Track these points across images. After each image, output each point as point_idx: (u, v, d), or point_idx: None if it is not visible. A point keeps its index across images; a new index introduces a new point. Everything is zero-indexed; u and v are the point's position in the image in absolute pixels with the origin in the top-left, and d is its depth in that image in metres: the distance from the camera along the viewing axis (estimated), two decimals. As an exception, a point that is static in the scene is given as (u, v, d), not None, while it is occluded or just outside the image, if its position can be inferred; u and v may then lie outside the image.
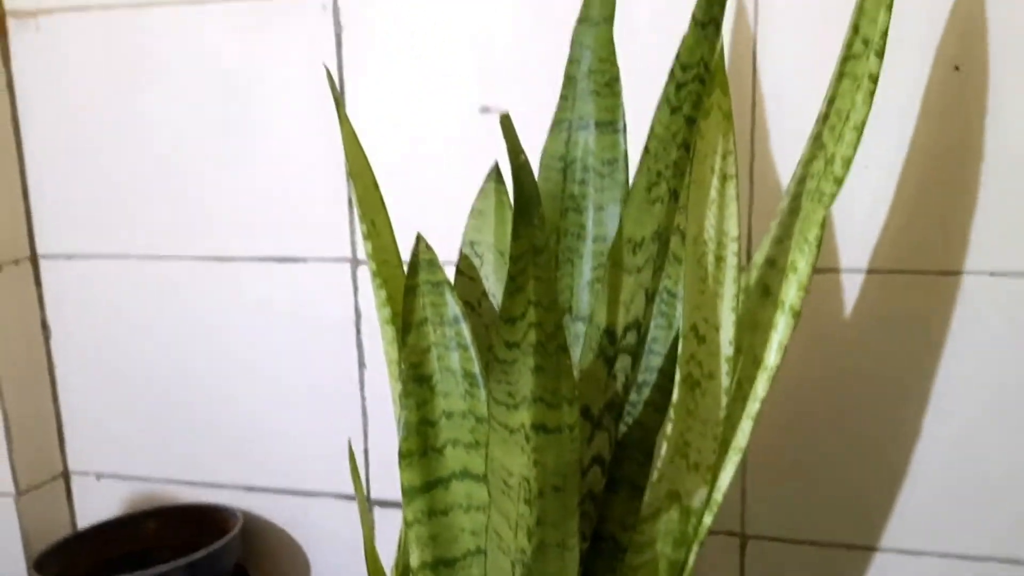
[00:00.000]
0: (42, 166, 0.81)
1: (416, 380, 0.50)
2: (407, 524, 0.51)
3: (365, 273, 0.75)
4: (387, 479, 0.78)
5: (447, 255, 0.53)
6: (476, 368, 0.50)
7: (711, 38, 0.40)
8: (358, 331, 0.76)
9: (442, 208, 0.63)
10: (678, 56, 0.40)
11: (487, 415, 0.48)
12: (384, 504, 0.79)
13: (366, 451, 0.78)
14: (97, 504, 0.87)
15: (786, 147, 0.63)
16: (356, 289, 0.75)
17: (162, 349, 0.82)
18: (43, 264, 0.83)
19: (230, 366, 0.80)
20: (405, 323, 0.51)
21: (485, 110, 0.33)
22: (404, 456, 0.50)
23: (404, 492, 0.51)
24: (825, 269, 0.64)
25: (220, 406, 0.81)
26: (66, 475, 0.87)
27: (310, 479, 0.80)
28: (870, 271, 0.64)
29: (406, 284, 0.50)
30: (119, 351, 0.83)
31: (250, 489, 0.82)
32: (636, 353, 0.45)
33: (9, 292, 0.81)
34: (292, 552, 0.82)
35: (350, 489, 0.79)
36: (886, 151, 0.61)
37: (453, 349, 0.51)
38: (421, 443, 0.50)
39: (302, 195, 0.75)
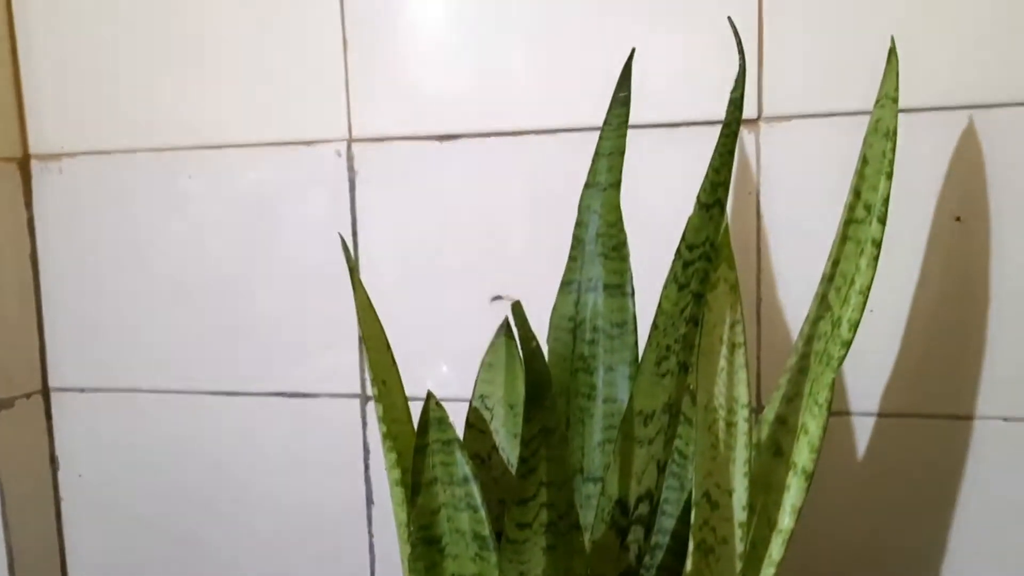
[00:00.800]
0: (58, 303, 0.83)
1: (425, 542, 0.50)
2: None
3: (374, 409, 0.75)
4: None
5: (457, 407, 0.54)
6: (486, 530, 0.50)
7: (716, 219, 0.41)
8: (366, 467, 0.76)
9: (453, 360, 0.64)
10: (684, 237, 0.41)
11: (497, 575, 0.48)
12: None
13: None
14: None
15: (793, 291, 0.64)
16: (365, 424, 0.75)
17: (171, 485, 0.81)
18: (54, 397, 0.84)
19: (239, 503, 0.80)
20: (415, 483, 0.50)
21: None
22: (414, 626, 0.49)
23: (411, 665, 0.49)
24: (834, 412, 0.64)
25: (229, 544, 0.80)
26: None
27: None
28: (880, 415, 0.63)
29: (416, 443, 0.50)
30: (127, 486, 0.83)
31: (253, 624, 0.80)
32: (649, 523, 0.45)
33: (17, 427, 0.81)
34: None
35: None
36: (892, 297, 0.62)
37: (463, 510, 0.50)
38: (432, 608, 0.50)
39: (314, 331, 0.76)
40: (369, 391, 0.75)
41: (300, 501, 0.78)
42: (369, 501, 0.76)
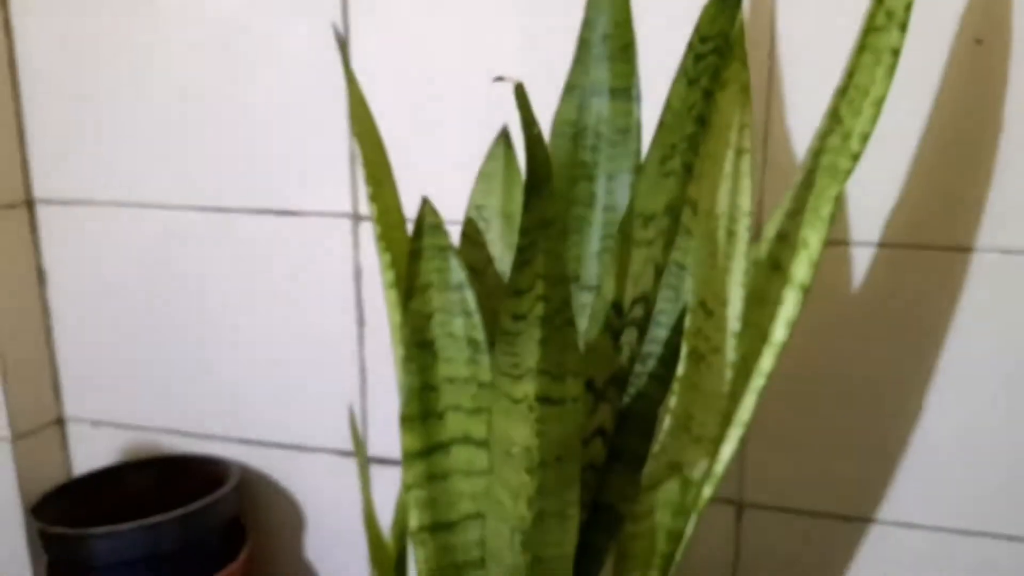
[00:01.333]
0: (41, 108, 0.80)
1: (419, 345, 0.50)
2: (406, 487, 0.51)
3: (367, 229, 0.74)
4: (384, 437, 0.78)
5: (454, 218, 0.53)
6: (480, 335, 0.50)
7: (732, 10, 0.39)
8: (358, 288, 0.76)
9: (449, 170, 0.62)
10: (698, 27, 0.39)
11: (491, 384, 0.48)
12: (381, 462, 0.79)
13: (364, 409, 0.78)
14: (92, 452, 0.87)
15: (802, 119, 0.62)
16: (357, 245, 0.75)
17: (160, 298, 0.81)
18: (40, 209, 0.82)
19: (228, 317, 0.80)
20: (409, 288, 0.50)
21: (499, 79, 0.32)
22: (405, 420, 0.50)
23: (404, 456, 0.50)
24: (835, 242, 0.64)
25: (218, 357, 0.81)
26: (61, 422, 0.87)
27: (307, 434, 0.81)
28: (881, 245, 0.63)
29: (410, 248, 0.50)
30: (117, 299, 0.83)
31: (246, 442, 0.82)
32: (643, 326, 0.45)
33: (4, 237, 0.80)
34: (288, 507, 0.83)
35: (347, 445, 0.79)
36: (903, 123, 0.60)
37: (457, 315, 0.50)
38: (422, 408, 0.50)
39: (303, 148, 0.74)
40: (361, 211, 0.74)
41: (292, 320, 0.78)
42: (360, 322, 0.76)
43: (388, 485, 0.78)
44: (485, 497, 0.49)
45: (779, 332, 0.48)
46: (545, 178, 0.36)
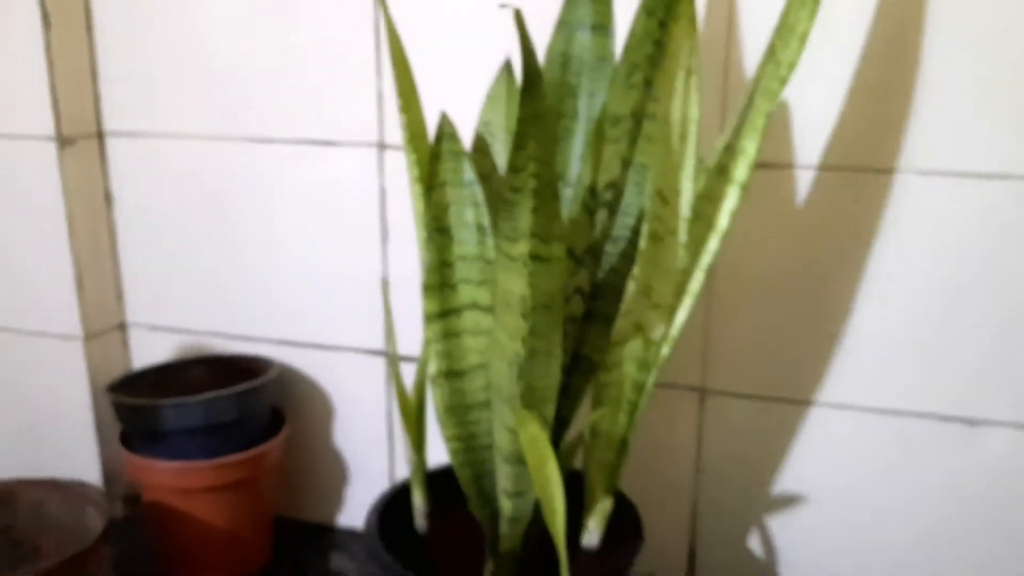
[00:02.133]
0: (111, 53, 0.93)
1: (438, 230, 0.63)
2: (427, 342, 0.64)
3: (390, 156, 0.87)
4: (401, 336, 0.91)
5: (466, 133, 0.65)
6: (486, 222, 0.63)
7: (682, -44, 0.51)
8: (382, 207, 0.88)
9: (461, 95, 0.75)
10: (655, -30, 0.51)
11: (494, 254, 0.61)
12: (401, 359, 0.92)
13: (385, 311, 0.91)
14: (150, 352, 1.01)
15: (754, 56, 0.74)
16: (382, 170, 0.87)
17: (212, 220, 0.94)
18: (108, 141, 0.95)
19: (271, 235, 0.93)
20: (430, 184, 0.63)
21: (503, 6, 0.43)
22: (427, 289, 0.63)
23: (426, 317, 0.64)
24: (782, 165, 0.76)
25: (261, 269, 0.94)
26: (123, 326, 1.01)
27: (337, 336, 0.94)
28: (820, 168, 0.76)
29: (431, 151, 0.62)
30: (173, 219, 0.96)
31: (285, 343, 0.96)
32: (613, 208, 0.58)
33: (79, 164, 0.93)
34: (319, 399, 0.96)
35: (371, 345, 0.93)
36: (836, 59, 0.72)
37: (468, 206, 0.63)
38: (440, 279, 0.63)
39: (337, 85, 0.86)
40: (386, 140, 0.87)
41: (327, 236, 0.91)
42: (384, 238, 0.89)
43: (405, 377, 0.91)
44: (489, 349, 0.62)
45: (723, 220, 0.61)
46: (537, 81, 0.49)
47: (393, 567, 0.64)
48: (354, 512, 0.99)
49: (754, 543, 0.86)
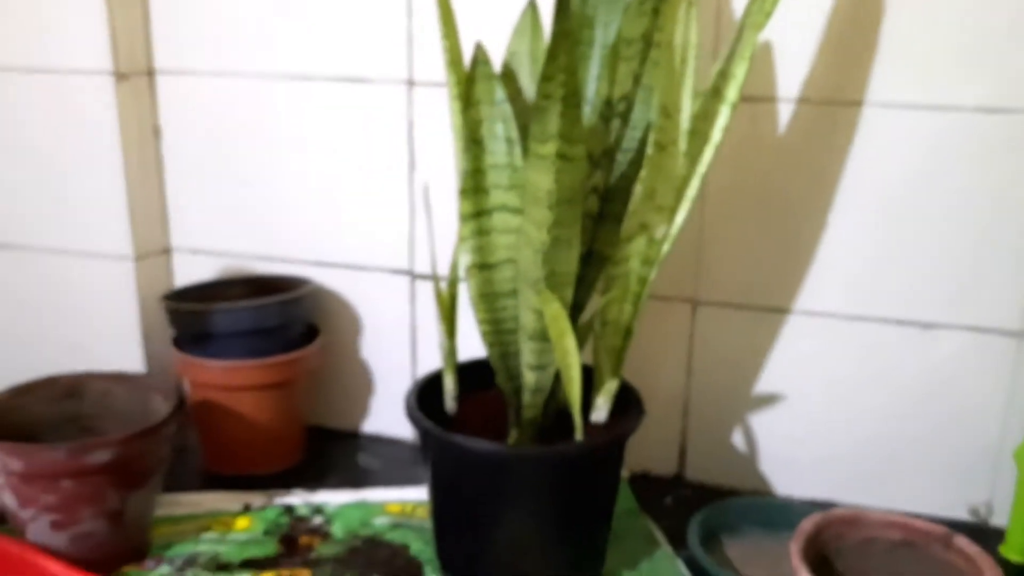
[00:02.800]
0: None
1: (473, 141, 0.73)
2: (462, 239, 0.75)
3: (418, 92, 0.97)
4: (425, 257, 1.01)
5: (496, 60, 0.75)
6: (514, 135, 0.73)
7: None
8: (410, 139, 0.99)
9: (491, 27, 0.84)
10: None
11: (520, 162, 0.71)
12: (422, 277, 1.03)
13: (411, 234, 1.02)
14: (192, 274, 1.10)
15: None
16: (411, 104, 0.97)
17: (251, 152, 1.04)
18: (158, 78, 1.05)
19: (306, 166, 1.03)
20: (466, 102, 0.73)
21: None
22: (462, 193, 0.74)
23: (461, 217, 0.74)
24: (766, 99, 0.87)
25: (296, 196, 1.04)
26: (168, 250, 1.11)
27: (366, 257, 1.04)
28: (799, 101, 0.87)
29: (468, 75, 0.73)
30: (217, 151, 1.05)
31: (318, 264, 1.06)
32: (625, 118, 0.69)
33: (132, 98, 1.02)
34: (350, 314, 1.06)
35: (397, 265, 1.03)
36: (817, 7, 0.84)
37: (499, 121, 0.73)
38: (474, 184, 0.74)
39: (370, 25, 0.96)
40: (415, 78, 0.97)
41: (359, 165, 1.01)
42: (411, 167, 1.00)
43: (426, 294, 1.02)
44: (516, 244, 0.73)
45: (717, 135, 0.72)
46: (566, 5, 0.60)
47: (435, 429, 0.74)
48: (379, 420, 1.09)
49: (738, 440, 0.98)
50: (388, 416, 1.08)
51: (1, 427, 0.82)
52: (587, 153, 0.68)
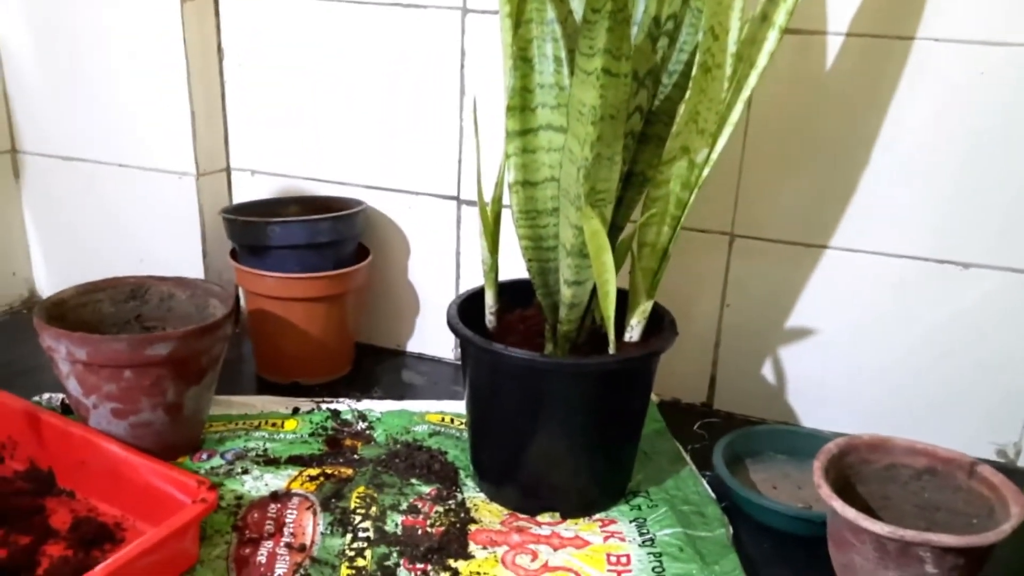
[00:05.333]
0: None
1: (522, 59, 0.75)
2: (507, 156, 0.77)
3: (472, 19, 0.99)
4: (471, 184, 1.04)
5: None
6: (562, 54, 0.75)
7: None
8: (462, 66, 1.01)
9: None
10: None
11: (568, 81, 0.74)
12: (469, 203, 1.06)
13: (459, 160, 1.04)
14: (249, 194, 1.15)
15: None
16: (464, 31, 1.00)
17: (309, 76, 1.08)
18: (222, 1, 1.08)
19: (362, 90, 1.06)
20: (517, 20, 0.75)
21: None
22: (509, 110, 0.76)
23: (507, 134, 0.77)
24: (816, 32, 0.88)
25: (349, 120, 1.08)
26: (228, 170, 1.15)
27: (416, 182, 1.07)
28: (848, 34, 0.87)
29: (520, -6, 0.75)
30: (275, 75, 1.09)
31: (370, 187, 1.09)
32: (672, 37, 0.70)
33: (197, 19, 1.06)
34: (398, 236, 1.10)
35: (445, 191, 1.06)
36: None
37: (548, 41, 0.75)
38: (521, 102, 0.76)
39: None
40: (470, 4, 0.99)
41: (411, 92, 1.04)
42: (462, 92, 1.02)
43: (470, 220, 1.05)
44: (560, 161, 0.75)
45: (763, 60, 0.73)
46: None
47: (475, 338, 0.78)
48: (422, 339, 1.13)
49: (768, 373, 1.00)
50: (431, 336, 1.13)
51: (69, 321, 0.88)
52: (633, 71, 0.70)
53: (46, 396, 0.96)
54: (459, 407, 0.99)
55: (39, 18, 1.11)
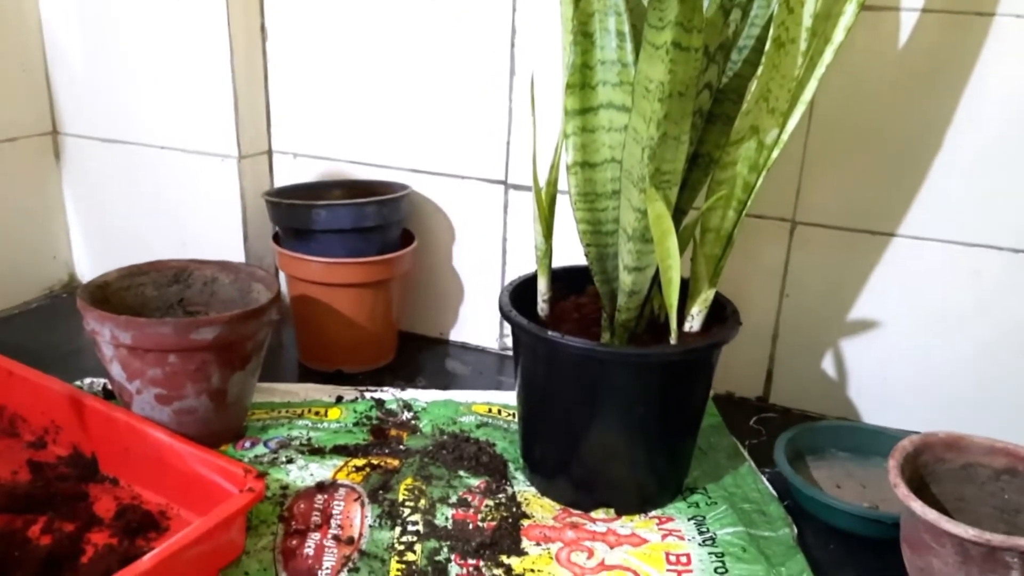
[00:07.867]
0: None
1: (583, 34, 0.72)
2: (566, 136, 0.74)
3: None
4: (520, 168, 1.01)
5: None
6: (625, 29, 0.72)
7: None
8: (512, 45, 0.98)
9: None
10: None
11: (632, 57, 0.70)
12: (517, 187, 1.02)
13: (508, 143, 1.01)
14: (291, 177, 1.13)
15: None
16: (515, 9, 0.96)
17: (353, 56, 1.05)
18: (266, -22, 1.06)
19: (409, 69, 1.03)
20: (579, -6, 0.72)
21: None
22: (569, 87, 0.73)
23: (566, 113, 0.73)
24: (890, 7, 0.83)
25: (398, 104, 1.05)
26: (270, 152, 1.13)
27: (462, 165, 1.04)
28: (924, 10, 0.82)
29: (582, -35, 0.71)
30: (318, 55, 1.06)
31: (415, 171, 1.07)
32: (745, 10, 0.66)
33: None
34: (444, 222, 1.07)
35: (491, 175, 1.03)
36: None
37: (611, 15, 0.72)
38: (582, 79, 0.73)
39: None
40: (521, -18, 0.95)
41: (458, 72, 1.01)
42: (512, 72, 0.99)
43: (520, 205, 1.02)
44: (622, 140, 0.72)
45: (839, 35, 0.69)
46: None
47: (529, 325, 0.75)
48: (467, 329, 1.11)
49: (828, 366, 0.96)
50: (476, 326, 1.10)
51: (112, 304, 0.86)
52: (703, 46, 0.67)
53: (88, 381, 0.94)
54: (506, 397, 0.96)
55: (82, 0, 1.10)
